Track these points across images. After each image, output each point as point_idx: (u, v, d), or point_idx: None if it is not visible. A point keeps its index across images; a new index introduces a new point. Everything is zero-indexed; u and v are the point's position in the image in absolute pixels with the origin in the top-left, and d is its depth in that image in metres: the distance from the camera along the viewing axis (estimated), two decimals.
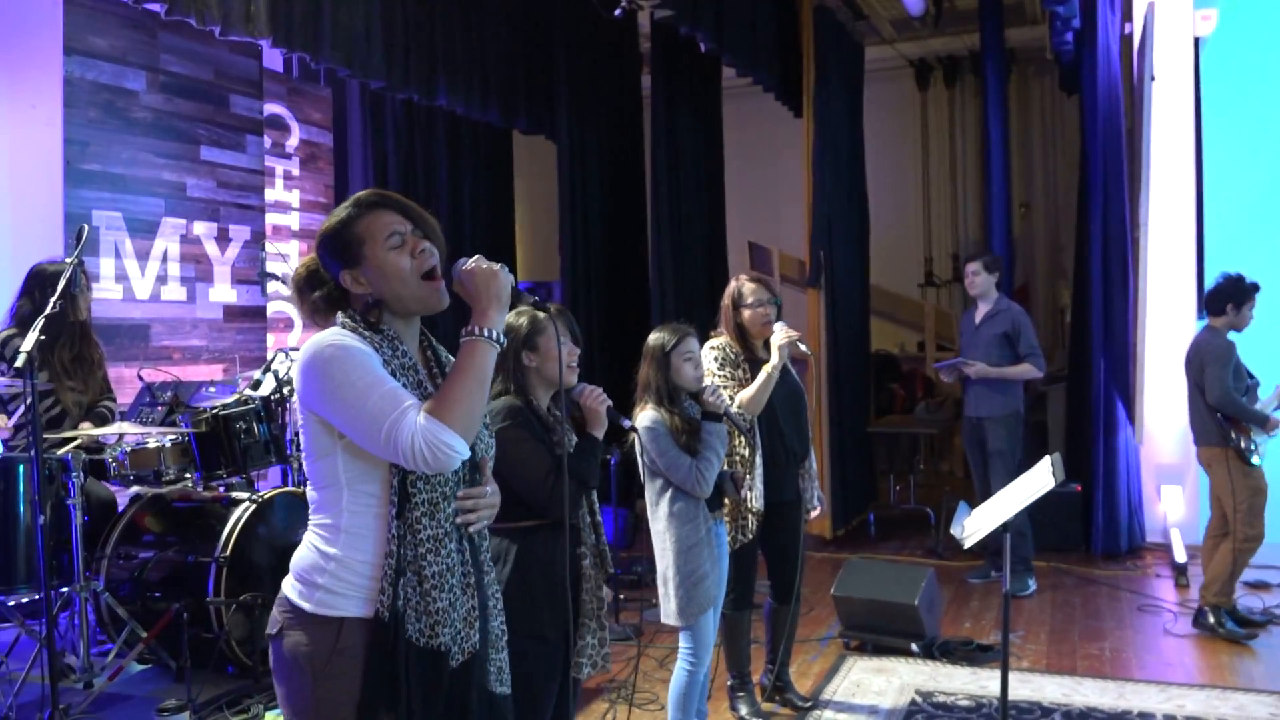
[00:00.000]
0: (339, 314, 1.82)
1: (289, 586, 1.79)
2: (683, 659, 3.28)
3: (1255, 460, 4.64)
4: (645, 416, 3.20)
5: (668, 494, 3.19)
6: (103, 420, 4.39)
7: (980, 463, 5.74)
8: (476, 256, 1.82)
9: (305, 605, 1.74)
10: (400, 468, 1.71)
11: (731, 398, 3.59)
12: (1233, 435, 4.64)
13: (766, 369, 3.62)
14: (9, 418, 4.27)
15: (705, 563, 3.17)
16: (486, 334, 1.76)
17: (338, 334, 1.76)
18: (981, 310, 5.79)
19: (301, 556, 1.79)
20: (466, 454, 1.72)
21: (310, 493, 1.80)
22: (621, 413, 2.74)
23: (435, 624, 1.72)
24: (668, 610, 3.19)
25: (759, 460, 3.62)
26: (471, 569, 1.82)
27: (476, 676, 1.82)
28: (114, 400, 4.56)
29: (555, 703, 2.45)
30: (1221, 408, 4.65)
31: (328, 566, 1.73)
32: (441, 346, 1.98)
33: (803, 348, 3.71)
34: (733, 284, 3.81)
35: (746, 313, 3.73)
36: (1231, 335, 4.76)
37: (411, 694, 1.70)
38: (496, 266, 1.80)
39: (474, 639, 1.79)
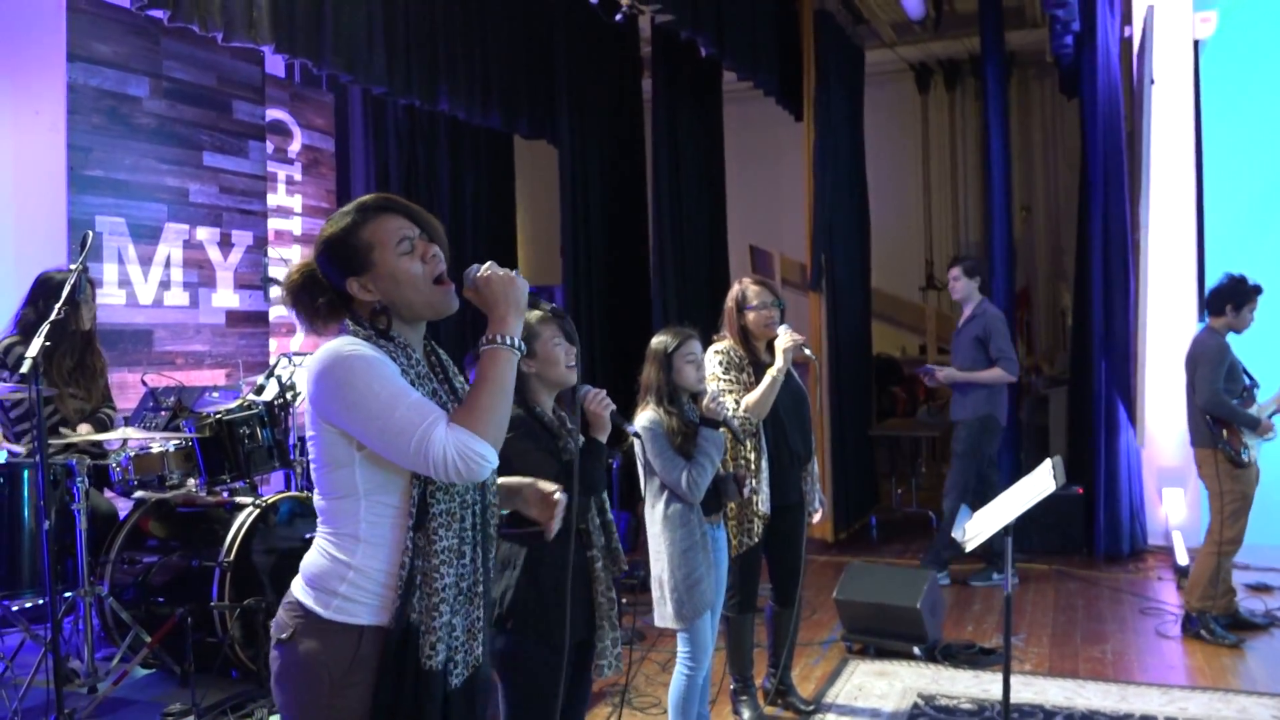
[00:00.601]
0: (347, 321, 1.77)
1: (301, 591, 1.74)
2: (681, 662, 3.28)
3: (1245, 461, 4.60)
4: (644, 417, 3.20)
5: (664, 496, 3.18)
6: (102, 426, 4.39)
7: None
8: (490, 263, 1.78)
9: (322, 611, 1.70)
10: (421, 479, 1.69)
11: (737, 402, 3.60)
12: (1223, 437, 4.62)
13: (771, 372, 3.60)
14: (10, 427, 4.28)
15: (700, 566, 3.16)
16: (507, 341, 1.72)
17: (353, 343, 1.70)
18: (964, 314, 5.84)
19: (314, 562, 1.75)
20: (496, 463, 1.68)
21: (319, 501, 1.75)
22: (624, 417, 2.74)
23: (435, 641, 1.69)
24: (663, 613, 3.19)
25: (764, 463, 3.62)
26: (482, 576, 1.79)
27: (479, 703, 1.78)
28: (114, 409, 4.57)
29: (564, 708, 2.44)
30: (1209, 409, 4.62)
31: (347, 575, 1.70)
32: (442, 350, 1.95)
33: (807, 352, 3.71)
34: (736, 287, 3.80)
35: (751, 315, 3.73)
36: (1231, 337, 4.75)
37: (404, 711, 1.67)
38: (513, 273, 1.77)
39: (477, 652, 1.76)
